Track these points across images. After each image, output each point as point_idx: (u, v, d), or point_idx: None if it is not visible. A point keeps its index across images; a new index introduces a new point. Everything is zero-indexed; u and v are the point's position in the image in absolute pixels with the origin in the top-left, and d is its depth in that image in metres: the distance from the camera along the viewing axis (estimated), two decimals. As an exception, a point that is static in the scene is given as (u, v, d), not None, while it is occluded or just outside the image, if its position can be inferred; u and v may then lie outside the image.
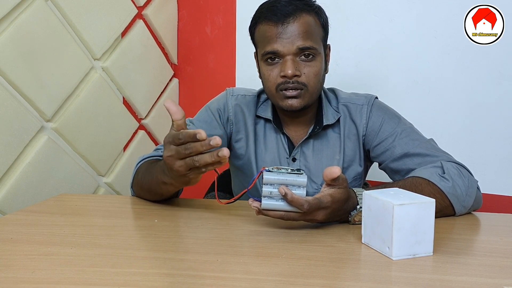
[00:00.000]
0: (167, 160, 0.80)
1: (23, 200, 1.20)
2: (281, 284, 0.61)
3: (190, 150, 0.77)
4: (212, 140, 0.75)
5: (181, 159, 0.78)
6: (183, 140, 0.77)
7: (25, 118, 1.20)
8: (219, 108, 1.14)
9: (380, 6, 1.54)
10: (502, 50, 1.40)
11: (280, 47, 0.99)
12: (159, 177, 0.89)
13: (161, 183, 0.90)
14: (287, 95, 1.01)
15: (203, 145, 0.76)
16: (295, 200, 0.77)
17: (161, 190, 0.94)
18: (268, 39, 1.00)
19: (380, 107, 1.11)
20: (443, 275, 0.65)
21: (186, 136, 0.77)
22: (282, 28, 0.99)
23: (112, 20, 1.50)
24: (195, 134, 0.76)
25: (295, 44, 0.98)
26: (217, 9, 1.80)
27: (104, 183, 1.53)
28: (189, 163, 0.78)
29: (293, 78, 1.00)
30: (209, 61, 1.85)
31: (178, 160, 0.79)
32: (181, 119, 0.79)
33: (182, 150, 0.77)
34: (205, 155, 0.77)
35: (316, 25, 1.02)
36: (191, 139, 0.76)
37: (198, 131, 0.76)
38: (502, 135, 1.43)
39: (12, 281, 0.61)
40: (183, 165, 0.78)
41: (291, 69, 0.98)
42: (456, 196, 0.91)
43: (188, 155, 0.77)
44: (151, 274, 0.64)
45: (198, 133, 0.76)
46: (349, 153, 1.10)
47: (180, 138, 0.77)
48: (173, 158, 0.79)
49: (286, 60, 0.99)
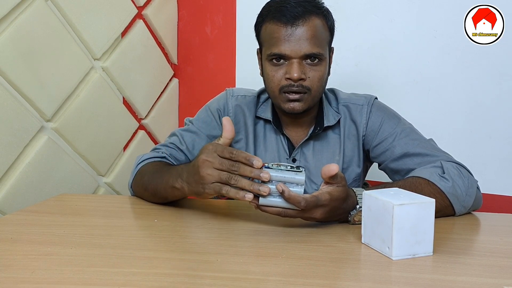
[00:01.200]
0: (202, 163, 0.79)
1: (23, 200, 1.20)
2: (281, 284, 0.61)
3: (236, 168, 0.77)
4: (264, 173, 0.76)
5: (217, 170, 0.78)
6: (234, 157, 0.77)
7: (25, 118, 1.20)
8: (218, 109, 1.14)
9: (380, 6, 1.54)
10: (502, 50, 1.40)
11: (287, 51, 0.98)
12: (170, 181, 0.88)
13: (170, 187, 0.89)
14: (290, 98, 1.00)
15: (252, 172, 0.76)
16: (292, 197, 0.77)
17: (167, 194, 0.93)
18: (276, 40, 0.99)
19: (379, 107, 1.11)
20: (443, 275, 0.65)
21: (240, 155, 0.77)
22: (291, 30, 0.97)
23: (112, 20, 1.50)
24: (252, 159, 0.76)
25: (303, 50, 0.97)
26: (217, 9, 1.80)
27: (104, 183, 1.53)
28: (223, 177, 0.77)
29: (298, 81, 0.99)
30: (209, 61, 1.85)
31: (213, 168, 0.78)
32: (230, 139, 0.82)
33: (227, 164, 0.77)
34: (245, 179, 0.77)
35: (323, 29, 1.01)
36: (244, 161, 0.77)
37: (257, 158, 0.76)
38: (502, 135, 1.43)
39: (12, 281, 0.61)
40: (215, 175, 0.78)
41: (297, 72, 0.97)
42: (456, 196, 0.91)
43: (230, 170, 0.77)
44: (151, 274, 0.64)
45: (257, 160, 0.76)
46: (349, 154, 1.10)
47: (232, 153, 0.77)
48: (210, 164, 0.78)
49: (292, 62, 0.98)
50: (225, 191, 0.77)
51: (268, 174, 0.76)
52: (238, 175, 0.77)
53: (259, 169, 0.76)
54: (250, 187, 0.76)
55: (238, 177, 0.77)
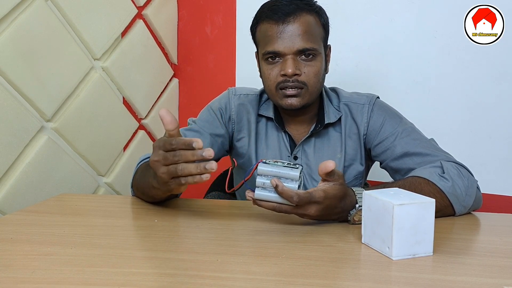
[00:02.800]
0: (152, 165, 0.79)
1: (23, 200, 1.20)
2: (281, 284, 0.61)
3: (178, 157, 0.74)
4: (205, 151, 0.73)
5: (165, 166, 0.76)
6: (175, 146, 0.75)
7: (25, 118, 1.20)
8: (220, 108, 1.14)
9: (380, 6, 1.54)
10: (502, 50, 1.40)
11: (281, 48, 1.00)
12: (150, 180, 0.88)
13: (151, 187, 0.88)
14: (287, 94, 1.02)
15: (194, 155, 0.73)
16: (285, 192, 0.77)
17: (152, 194, 0.93)
18: (269, 38, 1.01)
19: (381, 107, 1.11)
20: (443, 275, 0.65)
21: (179, 143, 0.75)
22: (283, 27, 0.99)
23: (112, 20, 1.50)
24: (191, 142, 0.73)
25: (296, 45, 0.99)
26: (217, 9, 1.80)
27: (104, 183, 1.53)
28: (171, 171, 0.75)
29: (293, 77, 1.00)
30: (209, 61, 1.85)
31: (163, 166, 0.76)
32: (174, 130, 0.77)
33: (169, 156, 0.75)
34: (190, 164, 0.74)
35: (316, 25, 1.03)
36: (185, 146, 0.74)
37: (195, 139, 0.74)
38: (502, 135, 1.43)
39: (12, 281, 0.61)
40: (166, 172, 0.76)
41: (291, 68, 0.99)
42: (456, 196, 0.91)
43: (174, 162, 0.75)
44: (151, 274, 0.64)
45: (196, 141, 0.73)
46: (350, 152, 1.11)
47: (172, 144, 0.75)
48: (159, 163, 0.77)
49: (286, 59, 1.00)
50: (184, 181, 0.75)
51: (211, 151, 0.73)
52: (184, 163, 0.74)
53: (200, 149, 0.73)
54: (196, 169, 0.73)
55: (184, 165, 0.74)
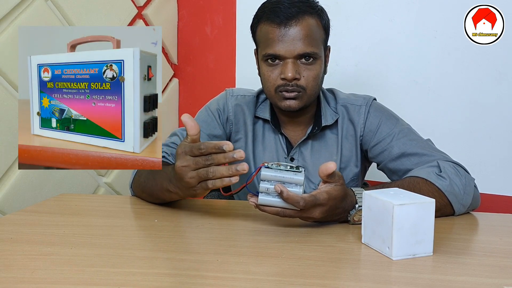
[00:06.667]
0: (179, 170, 0.79)
1: (23, 200, 1.20)
2: (281, 284, 0.61)
3: (211, 161, 0.76)
4: (236, 153, 0.75)
5: (195, 170, 0.78)
6: (204, 151, 0.76)
7: (25, 118, 1.20)
8: (218, 108, 1.14)
9: (380, 6, 1.54)
10: (502, 50, 1.40)
11: (281, 51, 0.99)
12: (164, 184, 0.88)
13: (165, 191, 0.89)
14: (286, 96, 1.02)
15: (226, 157, 0.75)
16: (291, 197, 0.77)
17: (164, 197, 0.93)
18: (270, 41, 1.00)
19: (378, 108, 1.11)
20: (443, 275, 0.65)
21: (209, 146, 0.76)
22: (285, 30, 0.99)
23: (112, 20, 1.50)
24: (221, 145, 0.75)
25: (297, 49, 0.99)
26: (217, 9, 1.80)
27: (104, 183, 1.53)
28: (202, 174, 0.77)
29: (292, 81, 1.00)
30: (209, 61, 1.85)
31: (192, 171, 0.78)
32: (197, 134, 0.79)
33: (201, 161, 0.77)
34: (221, 167, 0.76)
35: (318, 28, 1.02)
36: (215, 150, 0.76)
37: (225, 142, 0.75)
38: (501, 135, 1.43)
39: (12, 281, 0.61)
40: (195, 176, 0.78)
41: (292, 72, 0.99)
42: (454, 194, 0.91)
43: (205, 166, 0.77)
44: (151, 274, 0.64)
45: (226, 144, 0.75)
46: (346, 154, 1.11)
47: (201, 148, 0.77)
48: (188, 168, 0.78)
49: (286, 63, 1.00)
50: (212, 185, 0.78)
51: (242, 152, 0.75)
52: (215, 166, 0.77)
53: (231, 151, 0.75)
54: (228, 171, 0.76)
55: (215, 168, 0.77)
